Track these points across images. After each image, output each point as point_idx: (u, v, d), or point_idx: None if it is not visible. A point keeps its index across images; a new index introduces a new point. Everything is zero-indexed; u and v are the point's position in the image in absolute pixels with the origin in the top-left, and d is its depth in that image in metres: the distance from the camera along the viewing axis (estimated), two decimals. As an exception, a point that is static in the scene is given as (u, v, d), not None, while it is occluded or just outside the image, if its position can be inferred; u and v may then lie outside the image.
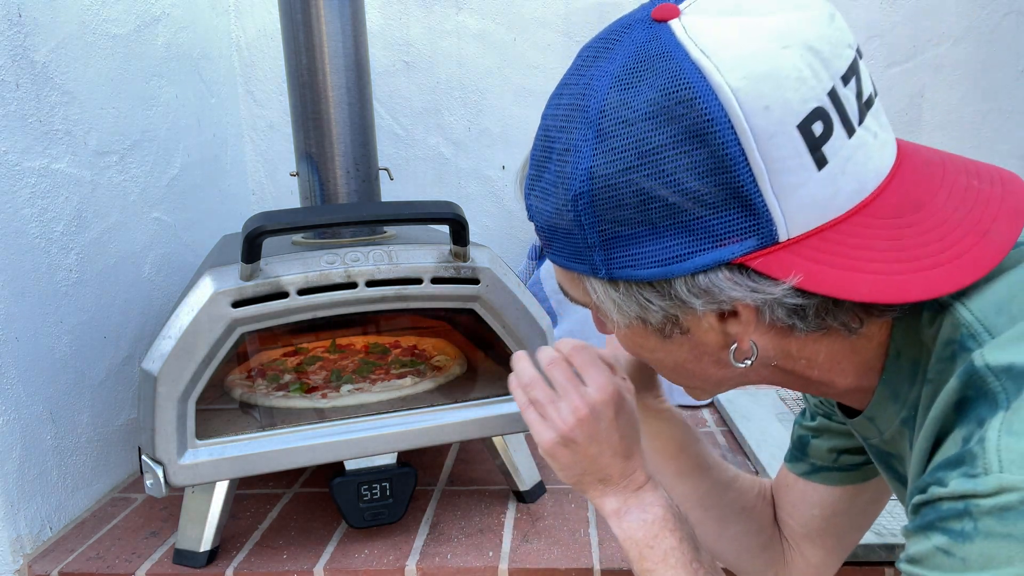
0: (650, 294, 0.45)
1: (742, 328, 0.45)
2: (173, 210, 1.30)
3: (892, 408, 0.50)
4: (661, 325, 0.47)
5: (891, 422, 0.51)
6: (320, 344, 1.18)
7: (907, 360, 0.47)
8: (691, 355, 0.49)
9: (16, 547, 0.91)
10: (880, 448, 0.55)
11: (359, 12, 1.05)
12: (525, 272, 1.49)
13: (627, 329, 0.49)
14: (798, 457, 0.70)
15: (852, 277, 0.41)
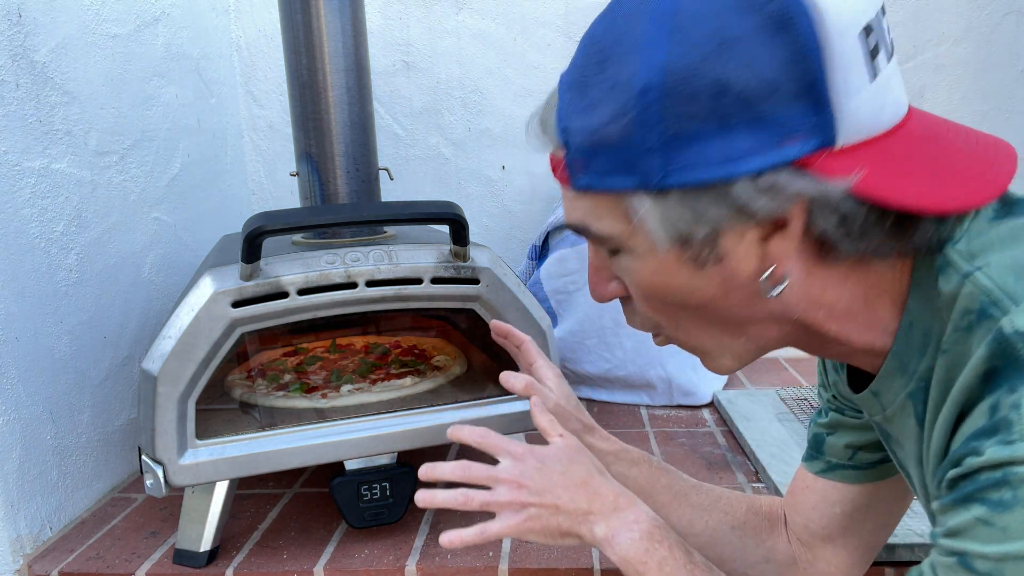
0: (706, 200, 0.44)
1: (784, 245, 0.45)
2: (173, 210, 1.30)
3: (898, 382, 0.50)
4: (700, 247, 0.46)
5: (895, 396, 0.51)
6: (320, 344, 1.19)
7: (919, 331, 0.47)
8: (719, 291, 0.48)
9: (16, 547, 0.91)
10: (881, 427, 0.56)
11: (359, 12, 1.05)
12: (525, 272, 1.49)
13: (659, 261, 0.48)
14: (814, 456, 0.70)
15: (902, 185, 0.43)
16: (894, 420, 0.53)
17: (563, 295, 1.40)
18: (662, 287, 0.50)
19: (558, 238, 1.42)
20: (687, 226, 0.45)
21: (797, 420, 1.21)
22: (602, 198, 0.48)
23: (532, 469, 0.60)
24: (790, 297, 0.47)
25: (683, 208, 0.45)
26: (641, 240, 0.48)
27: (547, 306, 1.42)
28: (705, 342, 0.53)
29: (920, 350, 0.48)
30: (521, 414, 0.94)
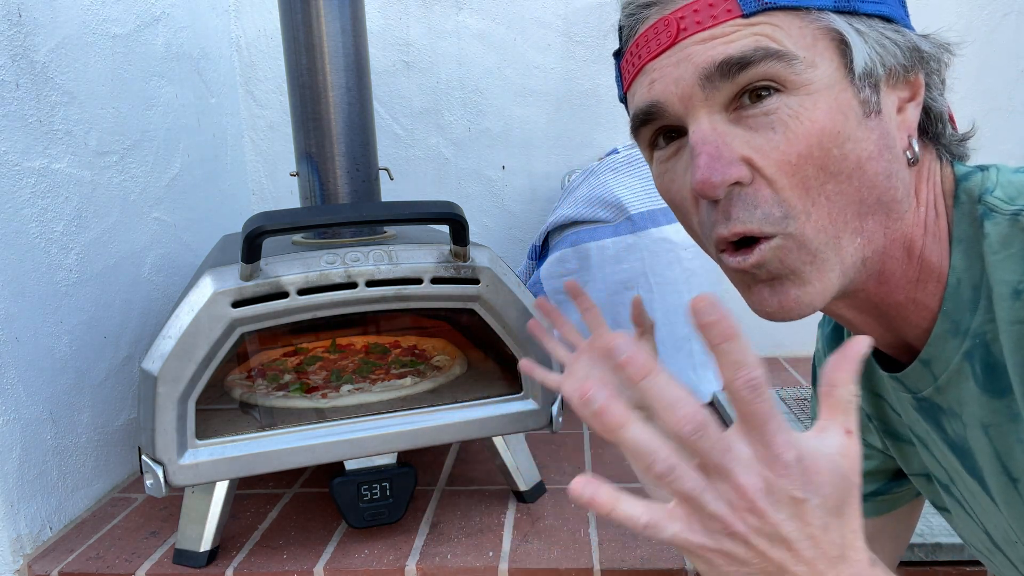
0: (891, 32, 0.46)
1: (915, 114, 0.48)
2: (173, 210, 1.30)
3: (952, 343, 0.47)
4: (870, 89, 0.46)
5: (949, 360, 0.47)
6: (320, 344, 1.18)
7: (967, 287, 0.46)
8: (877, 148, 0.45)
9: (16, 547, 0.91)
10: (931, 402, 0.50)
11: (359, 12, 1.05)
12: (525, 272, 1.49)
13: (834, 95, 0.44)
14: None
15: None
16: (948, 389, 0.48)
17: (563, 295, 1.40)
18: (833, 132, 0.44)
19: (558, 238, 1.42)
20: (880, 55, 0.46)
21: (797, 420, 1.21)
22: (790, 20, 0.44)
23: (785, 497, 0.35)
24: (910, 180, 0.48)
25: (875, 35, 0.45)
26: (824, 71, 0.44)
27: (547, 306, 1.42)
28: (830, 236, 0.45)
29: (971, 307, 0.45)
30: (521, 414, 0.94)
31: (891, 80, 0.47)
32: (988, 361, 0.45)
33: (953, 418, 0.49)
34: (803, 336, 1.69)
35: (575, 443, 1.22)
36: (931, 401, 0.51)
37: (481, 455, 1.18)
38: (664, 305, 1.33)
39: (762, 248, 0.46)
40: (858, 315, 0.52)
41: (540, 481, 1.03)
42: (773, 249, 0.45)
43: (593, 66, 1.57)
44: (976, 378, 0.46)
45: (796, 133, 0.44)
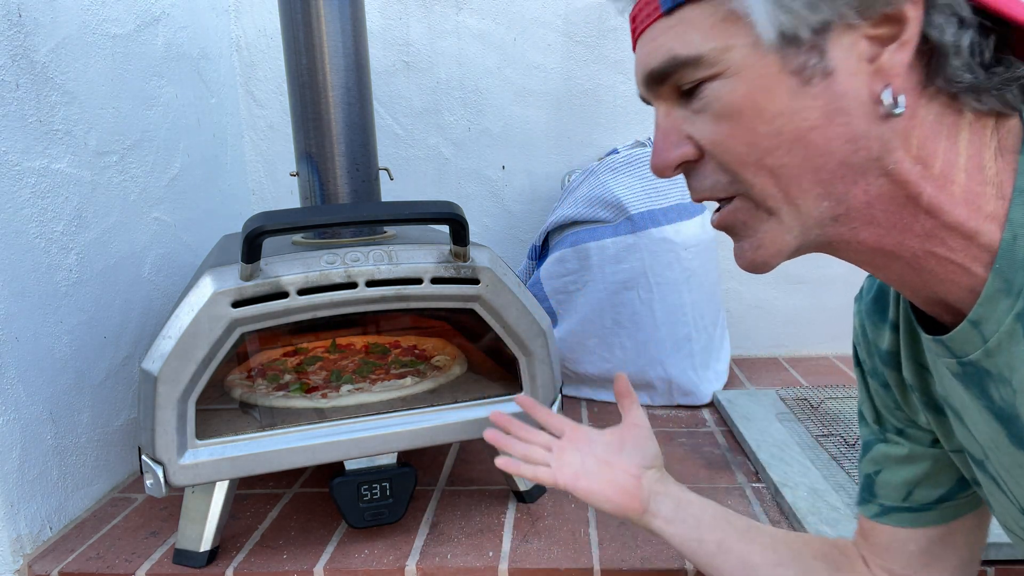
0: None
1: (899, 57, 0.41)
2: (173, 210, 1.30)
3: (1004, 304, 0.44)
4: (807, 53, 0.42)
5: (1001, 321, 0.45)
6: (320, 344, 1.19)
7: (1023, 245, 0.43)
8: (823, 116, 0.43)
9: (16, 547, 0.91)
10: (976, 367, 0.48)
11: (359, 12, 1.05)
12: (525, 272, 1.49)
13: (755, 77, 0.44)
14: (866, 499, 0.65)
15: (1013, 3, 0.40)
16: (999, 352, 0.46)
17: (563, 295, 1.40)
18: (757, 111, 0.44)
19: (558, 238, 1.42)
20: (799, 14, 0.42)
21: (797, 420, 1.21)
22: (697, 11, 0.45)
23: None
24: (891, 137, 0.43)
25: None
26: (739, 51, 0.44)
27: (547, 306, 1.42)
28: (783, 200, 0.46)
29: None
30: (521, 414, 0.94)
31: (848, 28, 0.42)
32: None
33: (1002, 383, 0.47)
34: (803, 336, 1.69)
35: (575, 443, 1.22)
36: (978, 366, 0.48)
37: (481, 455, 1.18)
38: (664, 305, 1.33)
39: (723, 211, 0.50)
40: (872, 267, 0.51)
41: (540, 481, 1.03)
42: (731, 211, 0.49)
43: (593, 66, 1.57)
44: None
45: (721, 116, 0.46)
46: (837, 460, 1.05)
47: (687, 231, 1.32)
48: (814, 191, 0.45)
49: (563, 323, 1.40)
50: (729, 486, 1.04)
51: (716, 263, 1.42)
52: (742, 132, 0.45)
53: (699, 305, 1.35)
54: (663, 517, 0.71)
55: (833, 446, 1.10)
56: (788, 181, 0.46)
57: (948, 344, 0.50)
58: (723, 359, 1.44)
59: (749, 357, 1.68)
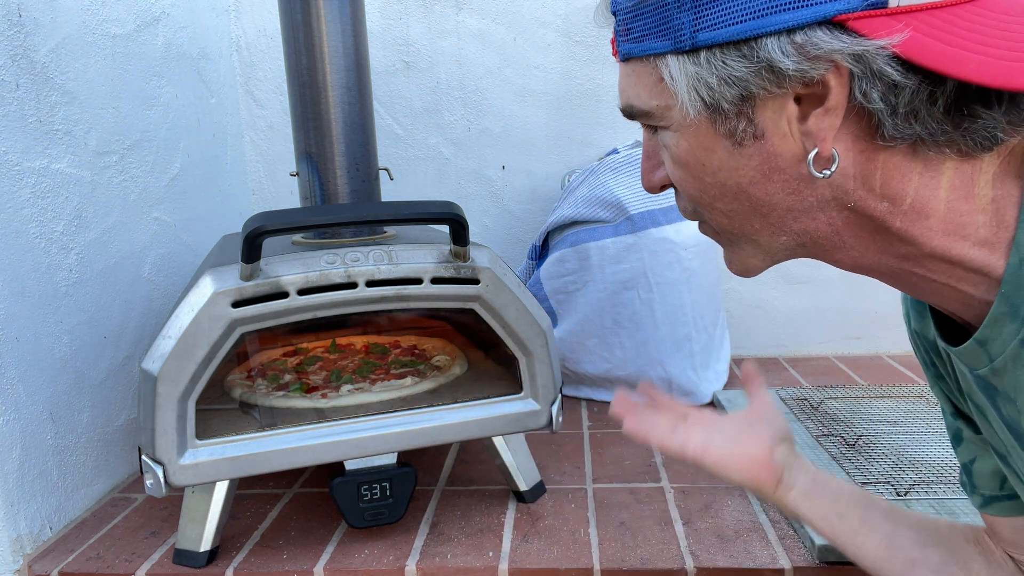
0: (734, 59, 0.42)
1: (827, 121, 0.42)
2: (173, 210, 1.30)
3: (1009, 328, 0.44)
4: (735, 119, 0.44)
5: (1006, 344, 0.45)
6: (320, 344, 1.19)
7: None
8: (759, 173, 0.45)
9: (16, 547, 0.91)
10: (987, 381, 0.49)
11: (359, 12, 1.05)
12: (525, 272, 1.49)
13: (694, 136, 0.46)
14: (971, 490, 0.63)
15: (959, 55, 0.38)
16: (1004, 373, 0.46)
17: (563, 295, 1.40)
18: (700, 165, 0.48)
19: (558, 238, 1.42)
20: (716, 90, 0.44)
21: (797, 420, 1.21)
22: (642, 68, 0.48)
23: None
24: (844, 181, 0.44)
25: (711, 69, 0.43)
26: (678, 112, 0.46)
27: (547, 306, 1.42)
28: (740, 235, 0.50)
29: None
30: (521, 414, 0.94)
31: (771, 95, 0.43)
32: None
33: (1008, 402, 0.48)
34: (803, 336, 1.69)
35: (575, 443, 1.22)
36: (987, 380, 0.49)
37: (481, 455, 1.18)
38: (664, 305, 1.33)
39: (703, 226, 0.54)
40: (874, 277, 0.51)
41: (540, 481, 1.03)
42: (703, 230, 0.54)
43: (593, 66, 1.57)
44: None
45: (674, 162, 0.50)
46: (837, 460, 1.05)
47: (687, 231, 1.32)
48: (768, 230, 0.48)
49: (563, 323, 1.40)
50: (730, 486, 1.04)
51: (716, 263, 1.42)
52: (691, 179, 0.49)
53: (699, 305, 1.35)
54: (800, 490, 0.67)
55: (833, 446, 1.10)
56: (740, 222, 0.49)
57: (959, 356, 0.50)
58: (723, 359, 1.44)
59: (749, 357, 1.68)
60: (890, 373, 1.51)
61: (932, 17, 0.39)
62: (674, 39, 0.44)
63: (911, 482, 0.97)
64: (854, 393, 1.34)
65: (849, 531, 0.66)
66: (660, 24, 0.45)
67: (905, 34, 0.38)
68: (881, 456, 1.06)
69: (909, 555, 0.64)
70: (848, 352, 1.68)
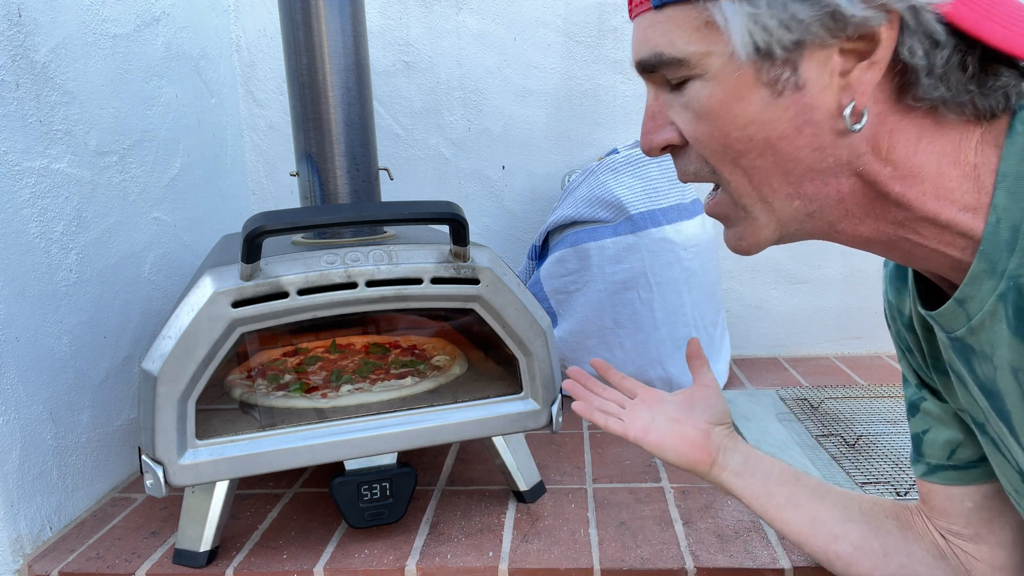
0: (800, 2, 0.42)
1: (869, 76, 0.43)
2: (173, 210, 1.30)
3: (987, 284, 0.47)
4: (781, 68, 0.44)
5: (984, 301, 0.47)
6: (320, 344, 1.19)
7: (1007, 227, 0.45)
8: (791, 126, 0.46)
9: (16, 547, 0.91)
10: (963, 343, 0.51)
11: (359, 12, 1.05)
12: (525, 272, 1.49)
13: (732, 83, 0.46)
14: (916, 458, 0.67)
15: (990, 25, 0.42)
16: (981, 330, 0.49)
17: (563, 295, 1.40)
18: (731, 117, 0.47)
19: (558, 238, 1.42)
20: (773, 34, 0.43)
21: (797, 420, 1.21)
22: (682, 13, 0.46)
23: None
24: (859, 144, 0.46)
25: (773, 10, 0.43)
26: (718, 59, 0.46)
27: (547, 306, 1.42)
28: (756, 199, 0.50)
29: (1008, 248, 0.45)
30: (521, 414, 0.94)
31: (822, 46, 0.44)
32: (1021, 305, 0.45)
33: (984, 360, 0.50)
34: (803, 336, 1.69)
35: (575, 443, 1.22)
36: (964, 342, 0.51)
37: (481, 455, 1.18)
38: (664, 305, 1.33)
39: (711, 202, 0.54)
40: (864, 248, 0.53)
41: (540, 481, 1.03)
42: (716, 204, 0.53)
43: (593, 66, 1.57)
44: (1008, 321, 0.46)
45: (700, 115, 0.49)
46: (837, 460, 1.05)
47: (687, 231, 1.32)
48: (785, 191, 0.49)
49: (563, 323, 1.40)
50: (729, 486, 1.04)
51: (716, 263, 1.42)
52: (718, 133, 0.48)
53: (699, 305, 1.35)
54: (732, 470, 0.73)
55: (833, 446, 1.10)
56: (760, 181, 0.49)
57: (937, 319, 0.53)
58: (723, 359, 1.44)
59: (749, 357, 1.68)
60: (890, 373, 1.51)
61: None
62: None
63: (911, 482, 0.97)
64: (854, 393, 1.34)
65: (776, 508, 0.71)
66: None
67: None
68: (881, 456, 1.06)
69: (831, 531, 0.69)
70: (848, 352, 1.68)
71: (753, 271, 1.66)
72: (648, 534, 0.91)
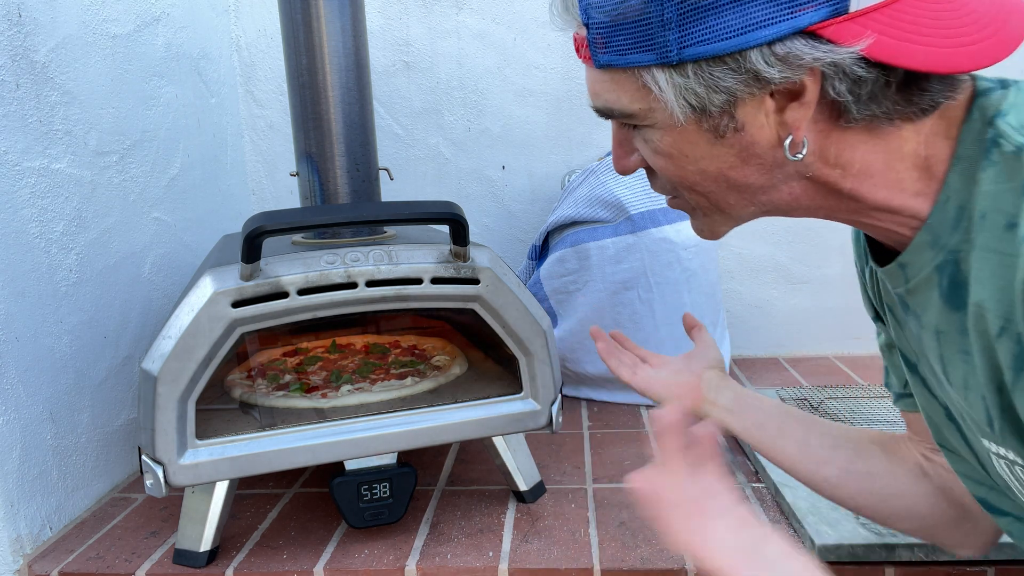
0: (722, 71, 0.47)
1: (800, 113, 0.47)
2: (173, 210, 1.30)
3: (928, 254, 0.52)
4: (719, 118, 0.49)
5: (922, 269, 0.53)
6: (320, 344, 1.19)
7: (954, 206, 0.49)
8: (737, 159, 0.51)
9: (16, 547, 0.91)
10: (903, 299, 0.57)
11: (359, 12, 1.05)
12: (525, 272, 1.49)
13: (678, 132, 0.51)
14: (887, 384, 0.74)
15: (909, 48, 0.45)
16: (917, 293, 0.54)
17: (563, 295, 1.40)
18: (683, 156, 0.53)
19: (558, 238, 1.42)
20: (704, 97, 0.48)
21: (797, 420, 1.21)
22: (623, 75, 0.51)
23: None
24: (807, 158, 0.50)
25: (699, 80, 0.47)
26: (660, 114, 0.51)
27: (547, 306, 1.42)
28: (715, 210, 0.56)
29: (953, 224, 0.49)
30: (521, 414, 0.94)
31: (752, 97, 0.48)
32: (955, 277, 0.50)
33: (915, 318, 0.57)
34: (803, 336, 1.69)
35: (575, 443, 1.22)
36: (903, 299, 0.58)
37: (481, 455, 1.18)
38: (664, 305, 1.33)
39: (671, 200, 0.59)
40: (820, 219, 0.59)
41: (540, 481, 1.03)
42: (676, 203, 0.59)
43: (593, 66, 1.57)
44: (941, 289, 0.52)
45: (657, 153, 0.54)
46: (837, 460, 1.05)
47: (687, 231, 1.32)
48: (740, 203, 0.55)
49: (563, 323, 1.40)
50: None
51: (716, 263, 1.42)
52: (674, 168, 0.54)
53: (699, 305, 1.35)
54: (724, 407, 0.78)
55: (833, 446, 1.10)
56: (717, 199, 0.55)
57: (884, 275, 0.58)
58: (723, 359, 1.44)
59: (749, 357, 1.68)
60: (890, 373, 1.51)
61: (882, 15, 0.45)
62: (659, 54, 0.48)
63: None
64: (854, 393, 1.34)
65: (768, 439, 0.76)
66: (643, 39, 0.48)
67: (871, 39, 0.44)
68: (881, 456, 1.06)
69: (820, 456, 0.73)
70: (848, 352, 1.68)
71: (753, 271, 1.67)
72: (648, 534, 0.91)
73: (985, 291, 0.47)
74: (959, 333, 0.51)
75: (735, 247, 1.65)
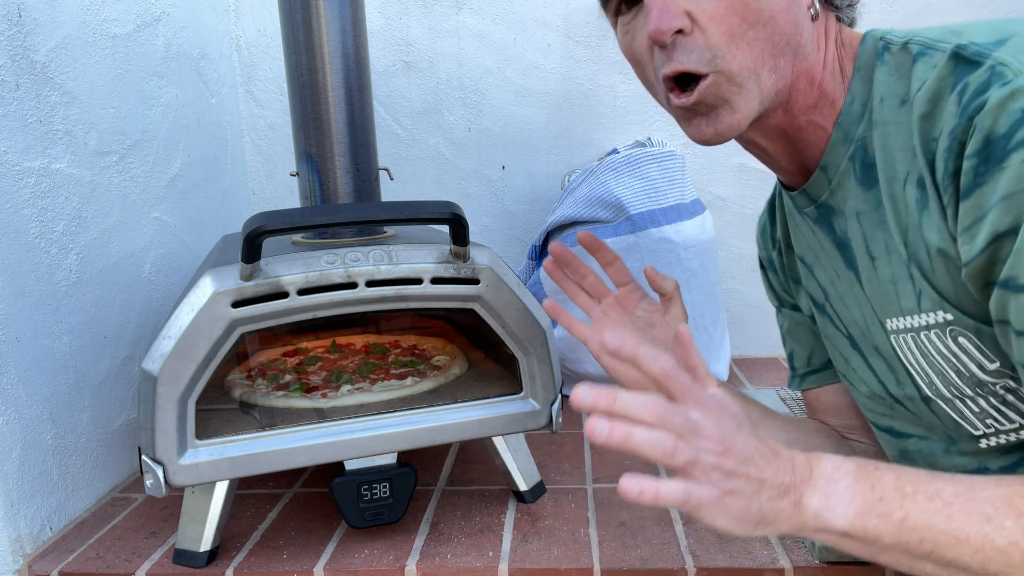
0: None
1: None
2: (173, 210, 1.30)
3: (841, 150, 0.62)
4: None
5: (840, 163, 0.62)
6: (320, 344, 1.19)
7: (859, 104, 0.60)
8: (786, 2, 0.58)
9: (16, 547, 0.91)
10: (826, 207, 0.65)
11: (359, 12, 1.05)
12: (525, 272, 1.49)
13: None
14: (791, 378, 0.82)
15: None
16: (838, 189, 0.63)
17: (563, 295, 1.40)
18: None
19: (558, 238, 1.42)
20: None
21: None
22: None
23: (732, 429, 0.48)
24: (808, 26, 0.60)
25: None
26: None
27: (547, 306, 1.42)
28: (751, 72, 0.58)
29: (859, 119, 0.60)
30: (521, 414, 0.94)
31: None
32: (865, 160, 0.60)
33: (839, 216, 0.64)
34: (803, 336, 1.69)
35: (575, 443, 1.22)
36: (827, 205, 0.65)
37: (481, 455, 1.18)
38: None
39: (701, 87, 0.59)
40: (770, 142, 0.66)
41: (540, 481, 1.03)
42: (709, 86, 0.59)
43: (593, 66, 1.57)
44: (855, 175, 0.61)
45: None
46: (837, 460, 1.05)
47: (687, 231, 1.32)
48: (769, 63, 0.59)
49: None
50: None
51: (716, 263, 1.42)
52: (739, 7, 0.57)
53: (699, 305, 1.35)
54: None
55: (833, 446, 1.10)
56: (757, 53, 0.58)
57: (807, 191, 0.66)
58: (723, 359, 1.44)
59: (749, 357, 1.68)
60: (890, 373, 1.51)
61: None
62: None
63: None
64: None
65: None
66: None
67: None
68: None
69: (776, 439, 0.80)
70: (848, 352, 1.68)
71: (753, 271, 1.66)
72: (648, 534, 0.91)
73: (889, 158, 0.56)
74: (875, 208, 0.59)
75: (735, 247, 1.65)
